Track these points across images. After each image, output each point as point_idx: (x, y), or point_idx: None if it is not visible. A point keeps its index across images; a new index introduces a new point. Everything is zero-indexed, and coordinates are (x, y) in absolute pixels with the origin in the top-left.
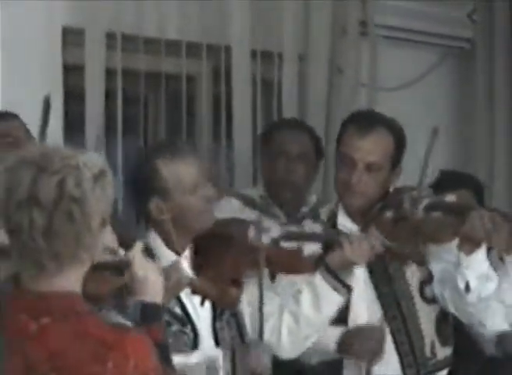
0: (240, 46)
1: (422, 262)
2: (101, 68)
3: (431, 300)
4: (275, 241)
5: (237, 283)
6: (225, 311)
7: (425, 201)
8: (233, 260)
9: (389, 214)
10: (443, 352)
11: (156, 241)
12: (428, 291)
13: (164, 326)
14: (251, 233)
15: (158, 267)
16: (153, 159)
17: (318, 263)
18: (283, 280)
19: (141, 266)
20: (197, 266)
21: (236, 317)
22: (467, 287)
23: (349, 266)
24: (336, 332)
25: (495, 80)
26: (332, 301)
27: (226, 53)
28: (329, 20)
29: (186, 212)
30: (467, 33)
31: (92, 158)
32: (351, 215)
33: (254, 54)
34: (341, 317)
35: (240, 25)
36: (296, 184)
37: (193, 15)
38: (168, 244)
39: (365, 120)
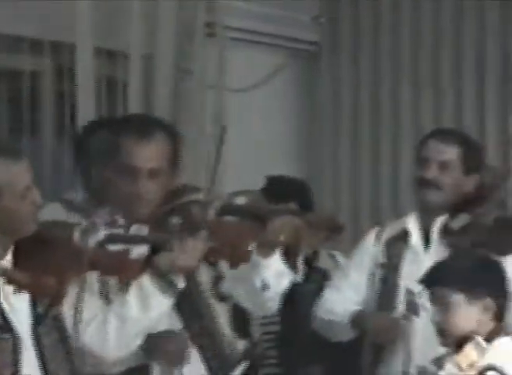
0: (84, 44)
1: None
2: None
3: (223, 296)
4: (101, 244)
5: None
6: (47, 315)
7: (217, 205)
8: (57, 263)
9: (175, 220)
10: (241, 345)
11: None
12: (220, 288)
13: None
14: (76, 236)
15: None
16: None
17: (145, 265)
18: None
19: None
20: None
21: (59, 321)
22: (266, 285)
23: (177, 267)
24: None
25: (340, 83)
26: (160, 302)
27: (70, 51)
28: (176, 21)
29: (13, 216)
30: (313, 36)
31: None
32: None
33: (99, 52)
34: None
35: (84, 23)
36: None
37: (36, 12)
38: None
39: (141, 126)
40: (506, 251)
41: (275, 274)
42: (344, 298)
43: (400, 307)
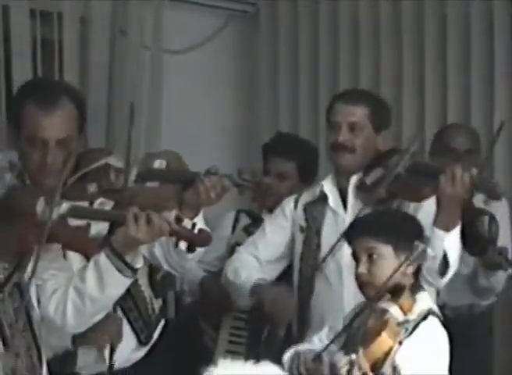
0: (19, 5)
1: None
2: None
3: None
4: (62, 217)
5: None
6: (7, 282)
7: (135, 171)
8: (18, 232)
9: (91, 187)
10: (158, 304)
11: None
12: None
13: None
14: (40, 206)
15: None
16: None
17: (104, 242)
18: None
19: None
20: None
21: (20, 288)
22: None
23: (134, 244)
24: None
25: (279, 43)
26: (117, 282)
27: (4, 12)
28: None
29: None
30: None
31: None
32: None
33: (33, 14)
34: None
35: None
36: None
37: None
38: None
39: (44, 93)
40: (419, 196)
41: None
42: (252, 262)
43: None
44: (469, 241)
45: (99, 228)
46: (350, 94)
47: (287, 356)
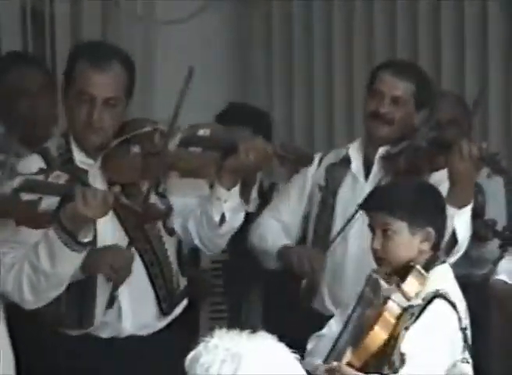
0: None
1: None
2: None
3: (172, 232)
4: (15, 191)
5: None
6: None
7: (179, 136)
8: None
9: (135, 148)
10: (183, 282)
11: None
12: (169, 223)
13: None
14: None
15: None
16: None
17: (54, 217)
18: None
19: None
20: None
21: None
22: (222, 219)
23: (83, 220)
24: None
25: (271, 13)
26: (67, 257)
27: None
28: None
29: None
30: None
31: None
32: (86, 150)
33: None
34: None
35: None
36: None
37: None
38: None
39: (98, 53)
40: (432, 166)
41: (232, 208)
42: (277, 226)
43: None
44: None
45: (50, 202)
46: (398, 66)
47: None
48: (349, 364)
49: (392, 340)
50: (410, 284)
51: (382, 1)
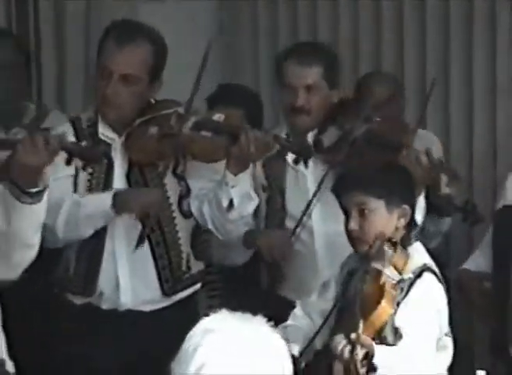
0: None
1: None
2: None
3: (188, 214)
4: None
5: None
6: None
7: (193, 119)
8: None
9: (153, 129)
10: (197, 266)
11: None
12: (185, 205)
13: None
14: None
15: None
16: None
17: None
18: None
19: None
20: None
21: None
22: (231, 205)
23: (28, 169)
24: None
25: None
26: (19, 210)
27: None
28: None
29: None
30: None
31: None
32: (111, 125)
33: None
34: None
35: None
36: None
37: None
38: None
39: (124, 30)
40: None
41: (241, 194)
42: None
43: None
44: None
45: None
46: (302, 53)
47: None
48: None
49: (384, 323)
50: (400, 258)
51: None
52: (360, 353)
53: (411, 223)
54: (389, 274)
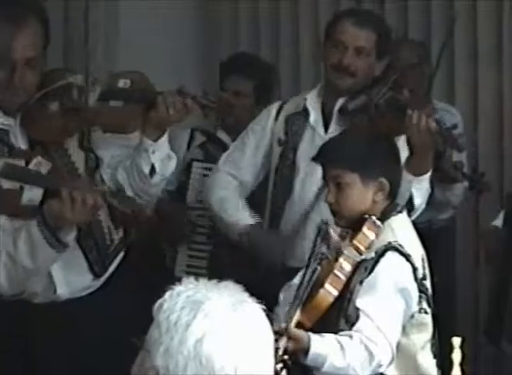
0: None
1: None
2: None
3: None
4: None
5: None
6: None
7: (98, 90)
8: None
9: (53, 106)
10: (118, 235)
11: None
12: (98, 177)
13: None
14: None
15: None
16: None
17: (37, 210)
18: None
19: None
20: None
21: None
22: (152, 170)
23: (66, 222)
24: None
25: None
26: (48, 255)
27: None
28: None
29: None
30: None
31: None
32: (4, 110)
33: None
34: None
35: None
36: None
37: None
38: None
39: (15, 12)
40: (391, 131)
41: (162, 158)
42: (234, 185)
43: (297, 186)
44: None
45: (32, 194)
46: (359, 16)
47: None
48: (300, 323)
49: (348, 293)
50: (365, 236)
51: None
52: (282, 346)
53: (394, 195)
54: (349, 255)
